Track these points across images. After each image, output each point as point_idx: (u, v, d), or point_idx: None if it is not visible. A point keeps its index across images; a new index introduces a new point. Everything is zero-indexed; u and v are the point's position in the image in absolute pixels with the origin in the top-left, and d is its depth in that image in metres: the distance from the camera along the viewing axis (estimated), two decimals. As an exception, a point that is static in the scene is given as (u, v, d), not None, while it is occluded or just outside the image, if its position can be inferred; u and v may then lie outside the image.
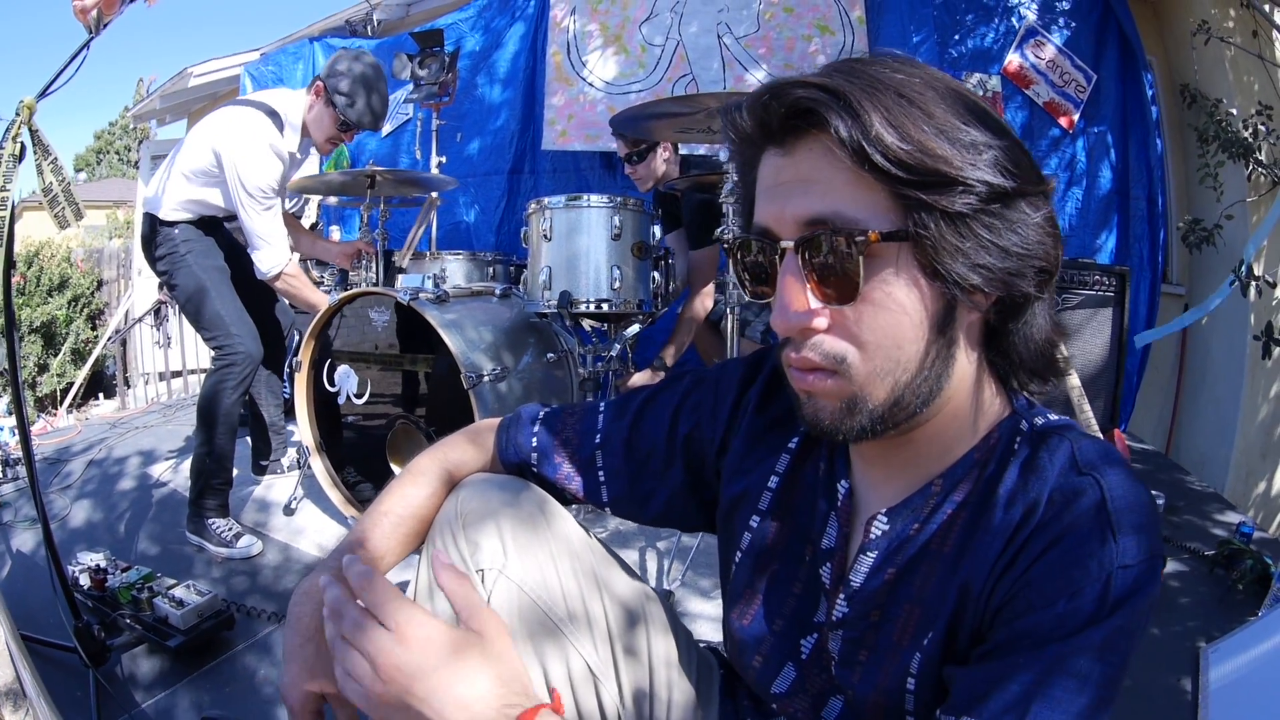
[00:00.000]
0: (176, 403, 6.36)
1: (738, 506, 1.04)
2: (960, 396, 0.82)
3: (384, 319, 2.90)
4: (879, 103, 0.70)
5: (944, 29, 4.76)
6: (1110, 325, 3.27)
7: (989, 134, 0.72)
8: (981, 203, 0.71)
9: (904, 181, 0.70)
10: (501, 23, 5.70)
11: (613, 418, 1.14)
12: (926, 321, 0.75)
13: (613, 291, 2.88)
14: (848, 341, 0.76)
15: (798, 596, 0.95)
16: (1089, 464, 0.77)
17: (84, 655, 2.11)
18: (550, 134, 5.24)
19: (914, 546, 0.84)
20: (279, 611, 2.52)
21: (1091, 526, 0.73)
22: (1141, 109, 4.88)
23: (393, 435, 2.91)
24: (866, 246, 0.72)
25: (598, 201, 2.93)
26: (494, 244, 5.58)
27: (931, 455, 0.85)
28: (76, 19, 2.02)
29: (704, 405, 1.09)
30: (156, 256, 3.12)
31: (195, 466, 3.06)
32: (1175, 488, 3.66)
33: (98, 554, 2.62)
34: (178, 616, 2.27)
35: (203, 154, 3.00)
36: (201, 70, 7.96)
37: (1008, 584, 0.75)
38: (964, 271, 0.72)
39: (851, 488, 0.92)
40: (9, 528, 3.39)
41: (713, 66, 4.99)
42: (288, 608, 1.04)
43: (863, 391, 0.77)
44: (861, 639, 0.87)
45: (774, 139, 0.78)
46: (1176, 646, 2.26)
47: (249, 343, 3.04)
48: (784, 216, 0.77)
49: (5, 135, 1.92)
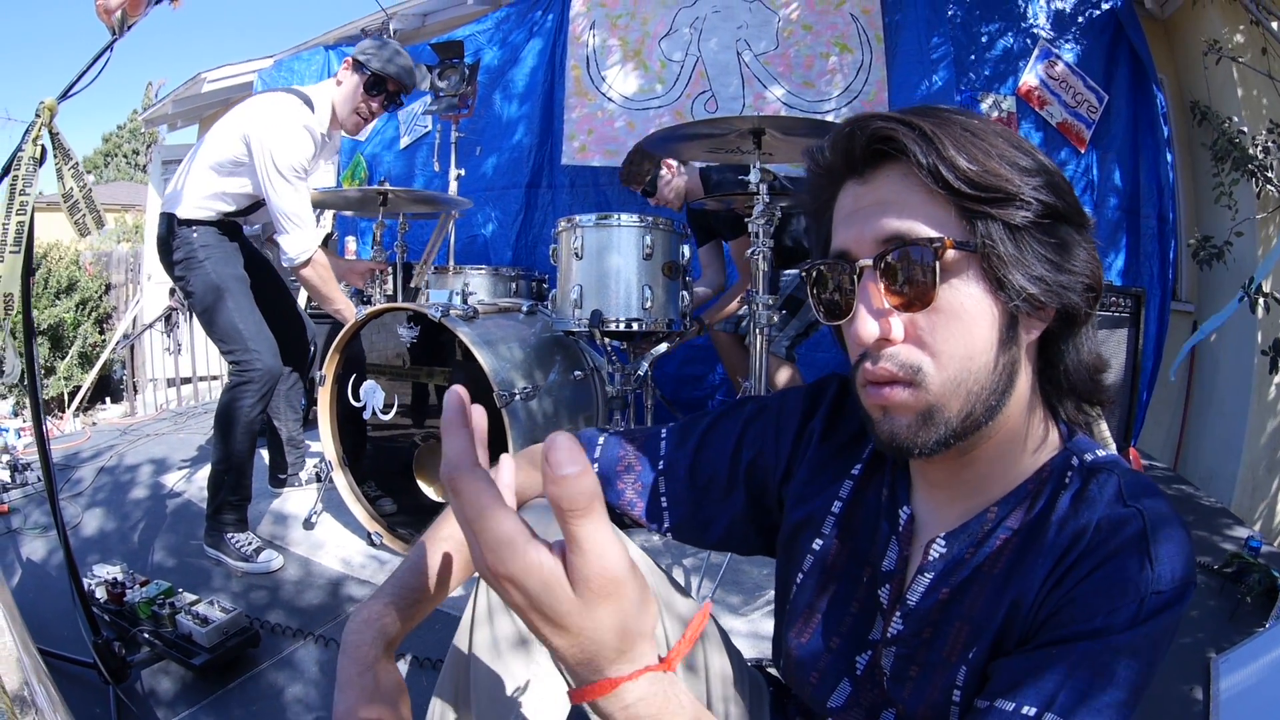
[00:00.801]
0: (187, 410, 6.34)
1: (801, 530, 1.08)
2: (1016, 417, 0.88)
3: (412, 334, 2.89)
4: (949, 133, 0.80)
5: (961, 48, 4.79)
6: (1125, 345, 3.34)
7: (1038, 164, 0.82)
8: (1036, 218, 0.80)
9: (971, 198, 0.79)
10: (519, 36, 5.71)
11: (675, 445, 1.18)
12: (993, 332, 0.82)
13: (644, 311, 2.92)
14: (923, 351, 0.82)
15: (855, 615, 1.00)
16: (1134, 497, 0.83)
17: (105, 672, 2.07)
18: (569, 148, 5.26)
19: (968, 568, 0.90)
20: (303, 628, 2.52)
21: (1132, 554, 0.79)
22: (1152, 127, 4.93)
23: (419, 452, 2.92)
24: (940, 254, 0.80)
25: (629, 221, 2.97)
26: (511, 258, 5.59)
27: (990, 481, 0.91)
28: (100, 19, 2.00)
29: (767, 435, 1.13)
30: (173, 260, 3.02)
31: (213, 480, 3.02)
32: (1184, 503, 3.71)
33: (114, 566, 2.61)
34: (202, 634, 2.24)
35: (231, 142, 2.94)
36: (215, 76, 7.94)
37: (1055, 600, 0.81)
38: (1023, 282, 0.80)
39: (913, 513, 0.97)
40: (19, 535, 3.34)
41: (732, 83, 5.01)
42: (344, 635, 1.04)
43: (939, 402, 0.83)
44: (913, 655, 0.92)
45: (855, 169, 0.87)
46: (1188, 657, 2.30)
47: (268, 358, 2.98)
48: (863, 237, 0.84)
49: (25, 138, 1.89)
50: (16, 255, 1.86)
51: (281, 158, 2.86)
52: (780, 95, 4.93)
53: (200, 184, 2.97)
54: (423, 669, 2.21)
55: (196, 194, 2.97)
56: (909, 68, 4.80)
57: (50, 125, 1.89)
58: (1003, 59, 4.89)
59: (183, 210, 2.96)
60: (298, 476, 3.67)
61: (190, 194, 2.97)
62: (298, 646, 2.43)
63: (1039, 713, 0.75)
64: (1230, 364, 4.86)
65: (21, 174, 1.85)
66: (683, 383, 5.08)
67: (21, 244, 1.86)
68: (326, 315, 5.06)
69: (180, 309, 6.81)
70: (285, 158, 2.87)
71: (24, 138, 1.87)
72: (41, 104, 1.87)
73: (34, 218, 1.90)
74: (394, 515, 3.04)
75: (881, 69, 4.83)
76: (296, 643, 2.45)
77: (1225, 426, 4.83)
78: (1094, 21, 4.95)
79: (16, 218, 1.85)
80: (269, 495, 3.54)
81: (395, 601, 1.04)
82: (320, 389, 3.04)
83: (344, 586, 2.83)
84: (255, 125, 2.89)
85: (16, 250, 1.86)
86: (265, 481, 3.58)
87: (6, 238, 1.85)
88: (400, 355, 2.99)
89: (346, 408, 3.03)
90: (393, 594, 1.06)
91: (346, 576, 2.90)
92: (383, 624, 1.03)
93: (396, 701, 1.00)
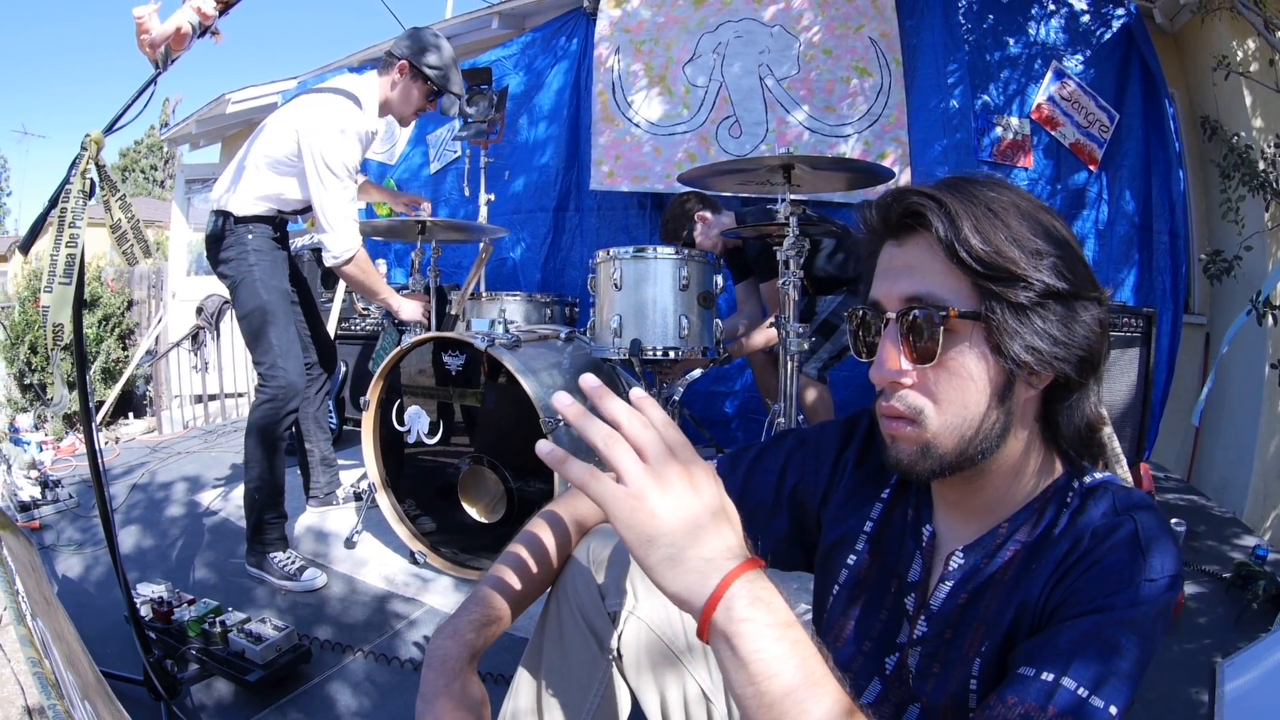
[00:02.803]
0: (216, 428, 6.40)
1: (837, 547, 1.21)
2: (1016, 454, 1.00)
3: (458, 362, 2.98)
4: (971, 213, 0.92)
5: (976, 72, 4.86)
6: (1137, 364, 3.43)
7: (1052, 246, 0.93)
8: (1039, 298, 0.92)
9: (981, 274, 0.91)
10: (544, 61, 5.79)
11: (726, 474, 1.30)
12: (989, 389, 0.95)
13: (680, 339, 3.04)
14: (927, 398, 0.96)
15: (884, 622, 1.12)
16: (1126, 508, 0.96)
17: (160, 689, 2.11)
18: (598, 174, 5.34)
19: (983, 576, 1.02)
20: (353, 643, 2.58)
21: (1126, 550, 0.91)
22: (1164, 143, 5.01)
23: (464, 475, 3.00)
24: (947, 320, 0.93)
25: (665, 253, 3.09)
26: (540, 280, 5.69)
27: (998, 502, 1.03)
28: (143, 54, 2.04)
29: (807, 465, 1.27)
30: (223, 258, 3.08)
31: (249, 501, 3.09)
32: (1196, 513, 3.78)
33: (159, 585, 2.66)
34: (256, 651, 2.28)
35: (284, 140, 3.02)
36: (239, 97, 8.02)
37: (1059, 595, 0.92)
38: (1019, 351, 0.92)
39: (935, 530, 1.11)
40: (53, 551, 3.37)
41: (755, 108, 5.06)
42: (429, 649, 1.14)
43: (934, 440, 0.97)
44: (936, 654, 1.03)
45: (892, 233, 1.01)
46: (1194, 662, 2.41)
47: (293, 375, 3.05)
48: (891, 294, 0.98)
49: (73, 171, 1.90)
50: (66, 286, 1.89)
51: (330, 157, 2.95)
52: (802, 119, 5.00)
53: (255, 183, 3.06)
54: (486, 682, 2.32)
55: (252, 191, 3.06)
56: (927, 91, 4.88)
57: (96, 158, 1.92)
58: (1016, 81, 4.97)
59: (238, 207, 3.05)
60: (335, 495, 3.75)
61: (246, 191, 3.05)
62: (348, 661, 2.50)
63: (1056, 678, 0.83)
64: (1241, 376, 4.91)
65: (70, 206, 1.88)
66: (710, 399, 5.17)
67: (72, 276, 1.89)
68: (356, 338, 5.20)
69: (207, 328, 6.89)
70: (333, 157, 2.96)
71: (70, 171, 1.89)
72: (88, 137, 1.90)
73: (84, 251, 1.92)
74: (434, 534, 3.14)
75: (901, 92, 4.90)
76: (346, 658, 2.51)
77: (1237, 438, 4.89)
78: (1105, 41, 5.03)
79: (66, 250, 1.88)
80: (306, 515, 3.62)
81: (477, 619, 1.16)
82: (365, 413, 3.13)
83: (389, 603, 2.90)
84: (306, 124, 2.98)
85: (67, 281, 1.89)
86: (299, 501, 3.62)
87: (56, 269, 1.87)
88: (440, 380, 3.07)
89: (390, 431, 3.13)
90: (475, 612, 1.17)
91: (391, 594, 2.98)
92: (468, 639, 1.14)
93: (480, 711, 1.12)
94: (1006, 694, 0.84)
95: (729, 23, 5.20)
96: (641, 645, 1.26)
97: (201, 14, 2.05)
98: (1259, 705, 2.08)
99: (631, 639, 1.26)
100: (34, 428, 6.70)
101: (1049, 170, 4.97)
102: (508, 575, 1.23)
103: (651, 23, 5.32)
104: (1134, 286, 4.99)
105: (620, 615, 1.25)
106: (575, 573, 1.29)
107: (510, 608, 1.20)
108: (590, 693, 1.29)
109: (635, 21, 5.35)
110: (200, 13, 2.05)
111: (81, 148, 1.88)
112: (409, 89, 3.17)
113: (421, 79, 3.15)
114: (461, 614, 1.17)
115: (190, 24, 2.04)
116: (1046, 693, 0.82)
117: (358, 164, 3.10)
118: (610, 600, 1.26)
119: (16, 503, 3.83)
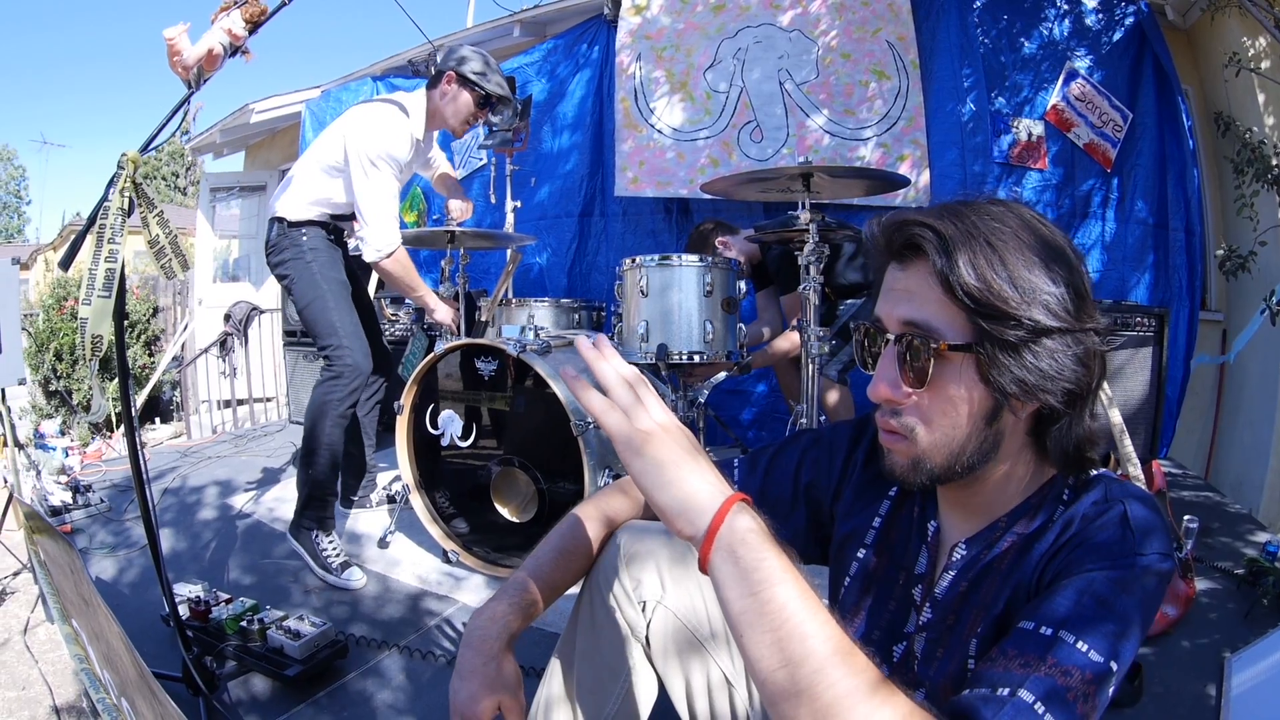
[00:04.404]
0: (245, 433, 6.44)
1: (848, 541, 1.27)
2: (1008, 465, 1.05)
3: (490, 368, 3.06)
4: (968, 247, 0.94)
5: (991, 74, 4.92)
6: (1150, 363, 3.45)
7: (1051, 282, 0.94)
8: (1030, 335, 0.94)
9: (973, 310, 0.94)
10: (566, 69, 5.87)
11: (747, 472, 1.38)
12: (978, 414, 0.99)
13: (705, 344, 3.14)
14: (918, 418, 1.01)
15: (892, 612, 1.17)
16: (1115, 496, 1.00)
17: (201, 683, 2.16)
18: (622, 180, 5.40)
19: (982, 565, 1.06)
20: (387, 639, 2.62)
21: (1116, 528, 0.95)
22: (1179, 141, 5.02)
23: (497, 477, 3.07)
24: (936, 353, 0.97)
25: (690, 261, 3.19)
26: (566, 285, 5.76)
27: (995, 502, 1.07)
28: (175, 73, 2.06)
29: (821, 462, 1.34)
30: (280, 260, 3.17)
31: (301, 475, 3.13)
32: (1210, 510, 3.77)
33: (196, 585, 2.69)
34: (295, 647, 2.32)
35: (334, 145, 3.11)
36: (263, 107, 8.07)
37: (1052, 571, 0.96)
38: (1007, 383, 0.95)
39: (939, 526, 1.16)
40: (86, 554, 3.34)
41: (776, 112, 5.12)
42: (467, 631, 1.21)
43: (924, 456, 1.01)
44: (939, 639, 1.08)
45: (895, 256, 1.04)
46: (1204, 657, 2.44)
47: (359, 356, 3.09)
48: (891, 315, 1.02)
49: (110, 190, 1.92)
50: (106, 300, 1.93)
51: (371, 148, 3.02)
52: (822, 123, 5.06)
53: (309, 188, 3.15)
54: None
55: (305, 196, 3.15)
56: (944, 94, 4.94)
57: (134, 177, 1.94)
58: (1030, 83, 5.01)
59: (292, 213, 3.14)
60: (369, 498, 3.84)
61: (300, 196, 3.15)
62: (383, 657, 2.54)
63: (1054, 632, 0.86)
64: (1257, 374, 4.92)
65: (109, 223, 1.91)
66: (733, 398, 5.25)
67: (112, 290, 1.93)
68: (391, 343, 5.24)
69: (236, 334, 6.95)
70: (374, 148, 3.03)
71: (108, 190, 1.92)
72: (124, 156, 1.92)
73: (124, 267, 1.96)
74: (467, 534, 3.22)
75: (918, 94, 4.95)
76: (382, 654, 2.55)
77: (1253, 435, 4.89)
78: (1118, 41, 5.05)
79: (105, 265, 1.92)
80: (340, 515, 3.64)
81: (516, 603, 1.25)
82: (399, 417, 3.21)
83: (423, 601, 2.95)
84: (353, 125, 3.09)
85: (106, 295, 1.93)
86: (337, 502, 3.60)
87: (95, 283, 1.92)
88: (472, 385, 3.15)
89: (424, 435, 3.21)
90: (513, 596, 1.25)
91: (424, 592, 3.03)
92: (506, 622, 1.21)
93: (516, 690, 1.21)
94: (1007, 647, 0.88)
95: (748, 28, 5.25)
96: (669, 633, 1.32)
97: (232, 35, 2.10)
98: (1267, 699, 2.15)
99: (659, 627, 1.32)
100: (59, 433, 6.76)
101: (1063, 171, 5.02)
102: (544, 565, 1.31)
103: (671, 29, 5.38)
104: (1150, 284, 5.01)
105: (649, 605, 1.32)
106: (607, 565, 1.36)
107: (544, 596, 1.28)
108: (620, 678, 1.37)
109: (656, 28, 5.41)
110: (230, 34, 2.09)
111: (119, 166, 1.92)
112: (457, 97, 3.24)
113: (469, 86, 3.23)
114: (500, 598, 1.25)
115: (221, 45, 2.08)
116: (1045, 645, 0.85)
117: (401, 160, 3.15)
118: (640, 591, 1.32)
119: (47, 507, 3.80)
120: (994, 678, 0.84)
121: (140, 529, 3.19)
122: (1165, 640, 2.55)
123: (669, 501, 0.88)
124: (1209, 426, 5.42)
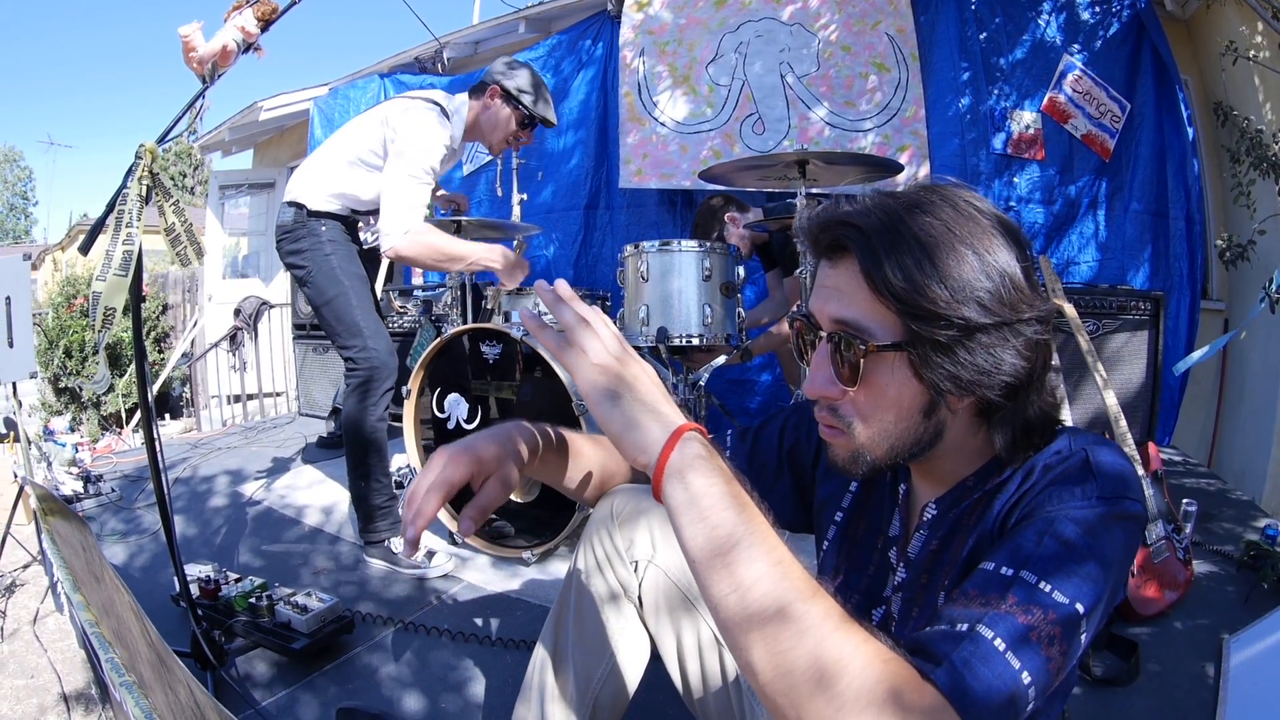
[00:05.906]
0: (255, 425, 6.45)
1: (826, 505, 1.29)
2: (961, 439, 1.04)
3: (495, 352, 3.09)
4: (896, 246, 0.92)
5: (989, 67, 4.95)
6: (1146, 347, 3.49)
7: (984, 277, 0.92)
8: (961, 334, 0.92)
9: (901, 311, 0.93)
10: (570, 64, 5.91)
11: (738, 440, 1.41)
12: (914, 408, 0.98)
13: (704, 327, 3.17)
14: (854, 413, 1.01)
15: (870, 576, 1.18)
16: (1081, 445, 0.99)
17: (210, 655, 2.20)
18: (626, 172, 5.44)
19: (950, 522, 1.06)
20: (393, 616, 2.65)
21: (1078, 473, 0.93)
22: (1178, 131, 5.04)
23: None
24: (868, 351, 0.96)
25: (689, 246, 3.22)
26: (572, 277, 5.76)
27: (960, 466, 1.07)
28: (190, 68, 2.11)
29: (801, 426, 1.36)
30: (295, 249, 3.00)
31: (355, 493, 3.04)
32: (1212, 497, 3.77)
33: (206, 566, 2.69)
34: (301, 621, 2.34)
35: (371, 134, 2.98)
36: (271, 104, 8.11)
37: (1015, 516, 0.94)
38: (939, 380, 0.94)
39: (910, 488, 1.16)
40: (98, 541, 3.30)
41: (777, 105, 5.16)
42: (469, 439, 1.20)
43: (863, 449, 1.02)
44: (914, 598, 1.08)
45: (824, 254, 1.03)
46: (1203, 638, 2.45)
47: (385, 355, 2.96)
48: (823, 312, 1.01)
49: (129, 178, 1.96)
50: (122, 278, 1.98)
51: (422, 163, 2.90)
52: (823, 115, 5.10)
53: (334, 179, 3.01)
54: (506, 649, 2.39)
55: (328, 187, 3.01)
56: (943, 86, 4.98)
57: (151, 167, 1.98)
58: (1028, 75, 5.04)
59: (311, 200, 2.99)
60: None
61: (323, 186, 3.01)
62: (389, 632, 2.57)
63: (1015, 572, 0.84)
64: (1259, 362, 4.93)
65: (128, 208, 1.96)
66: (738, 388, 5.30)
67: (128, 270, 1.98)
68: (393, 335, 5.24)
69: (245, 328, 7.02)
70: (424, 164, 2.91)
71: (126, 179, 1.97)
72: (143, 146, 1.96)
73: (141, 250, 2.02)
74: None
75: (918, 86, 4.99)
76: (387, 629, 2.58)
77: (1255, 423, 4.89)
78: (1116, 32, 5.07)
79: (123, 246, 1.96)
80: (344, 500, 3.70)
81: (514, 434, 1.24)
82: (405, 401, 3.24)
83: (428, 580, 2.98)
84: (403, 128, 2.93)
85: (122, 274, 1.97)
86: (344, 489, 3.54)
87: (112, 262, 1.96)
88: (478, 369, 3.19)
89: (426, 418, 3.25)
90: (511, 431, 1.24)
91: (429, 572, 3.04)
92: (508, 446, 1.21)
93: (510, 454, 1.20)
94: (968, 587, 0.86)
95: (749, 22, 5.29)
96: (660, 591, 1.36)
97: (245, 32, 2.16)
98: (1264, 680, 2.17)
99: (651, 586, 1.36)
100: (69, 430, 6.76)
101: (1061, 163, 5.04)
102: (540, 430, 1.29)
103: (674, 24, 5.43)
104: (1149, 274, 5.03)
105: (641, 564, 1.36)
106: (600, 525, 1.39)
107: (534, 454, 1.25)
108: (613, 638, 1.41)
109: (658, 24, 5.46)
110: (244, 31, 2.16)
111: (136, 156, 1.97)
112: (499, 112, 3.14)
113: (513, 103, 3.13)
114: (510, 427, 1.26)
115: (235, 42, 2.14)
116: (1004, 584, 0.84)
117: (436, 165, 2.99)
118: (632, 551, 1.36)
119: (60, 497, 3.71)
120: (952, 615, 0.84)
121: (150, 516, 3.57)
122: (1163, 622, 2.57)
123: (623, 431, 0.92)
124: (1212, 415, 5.41)
